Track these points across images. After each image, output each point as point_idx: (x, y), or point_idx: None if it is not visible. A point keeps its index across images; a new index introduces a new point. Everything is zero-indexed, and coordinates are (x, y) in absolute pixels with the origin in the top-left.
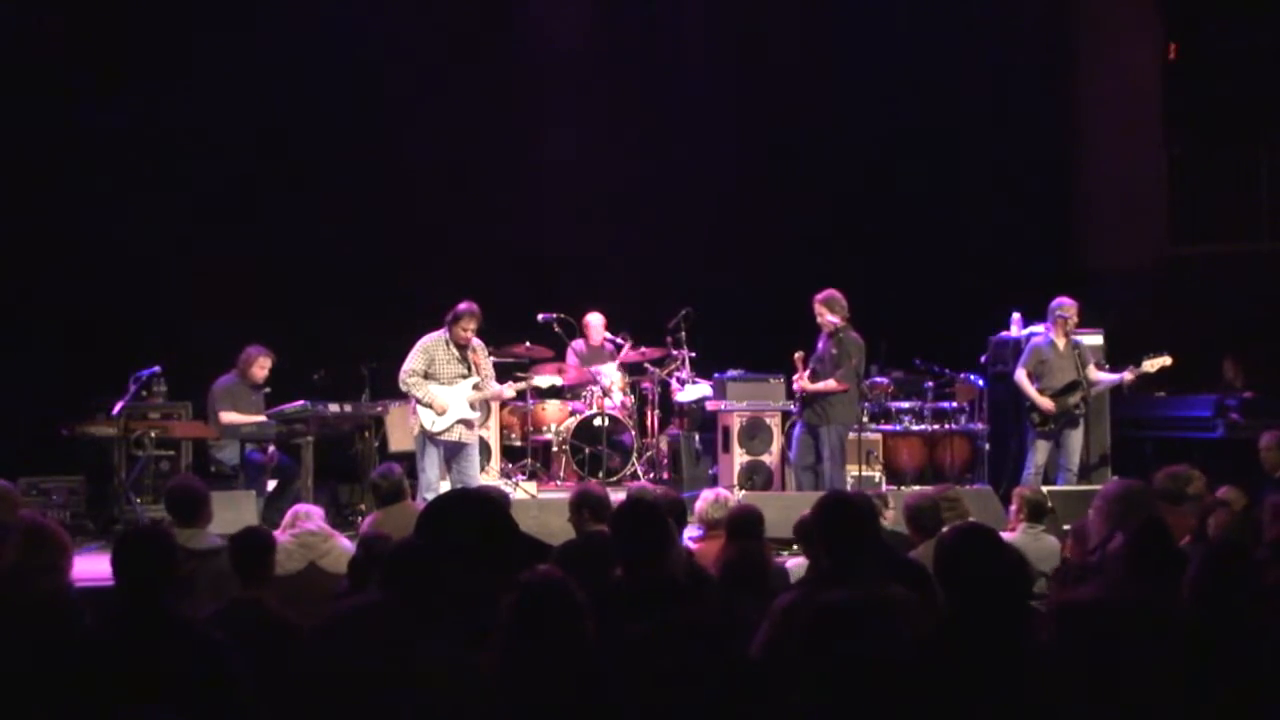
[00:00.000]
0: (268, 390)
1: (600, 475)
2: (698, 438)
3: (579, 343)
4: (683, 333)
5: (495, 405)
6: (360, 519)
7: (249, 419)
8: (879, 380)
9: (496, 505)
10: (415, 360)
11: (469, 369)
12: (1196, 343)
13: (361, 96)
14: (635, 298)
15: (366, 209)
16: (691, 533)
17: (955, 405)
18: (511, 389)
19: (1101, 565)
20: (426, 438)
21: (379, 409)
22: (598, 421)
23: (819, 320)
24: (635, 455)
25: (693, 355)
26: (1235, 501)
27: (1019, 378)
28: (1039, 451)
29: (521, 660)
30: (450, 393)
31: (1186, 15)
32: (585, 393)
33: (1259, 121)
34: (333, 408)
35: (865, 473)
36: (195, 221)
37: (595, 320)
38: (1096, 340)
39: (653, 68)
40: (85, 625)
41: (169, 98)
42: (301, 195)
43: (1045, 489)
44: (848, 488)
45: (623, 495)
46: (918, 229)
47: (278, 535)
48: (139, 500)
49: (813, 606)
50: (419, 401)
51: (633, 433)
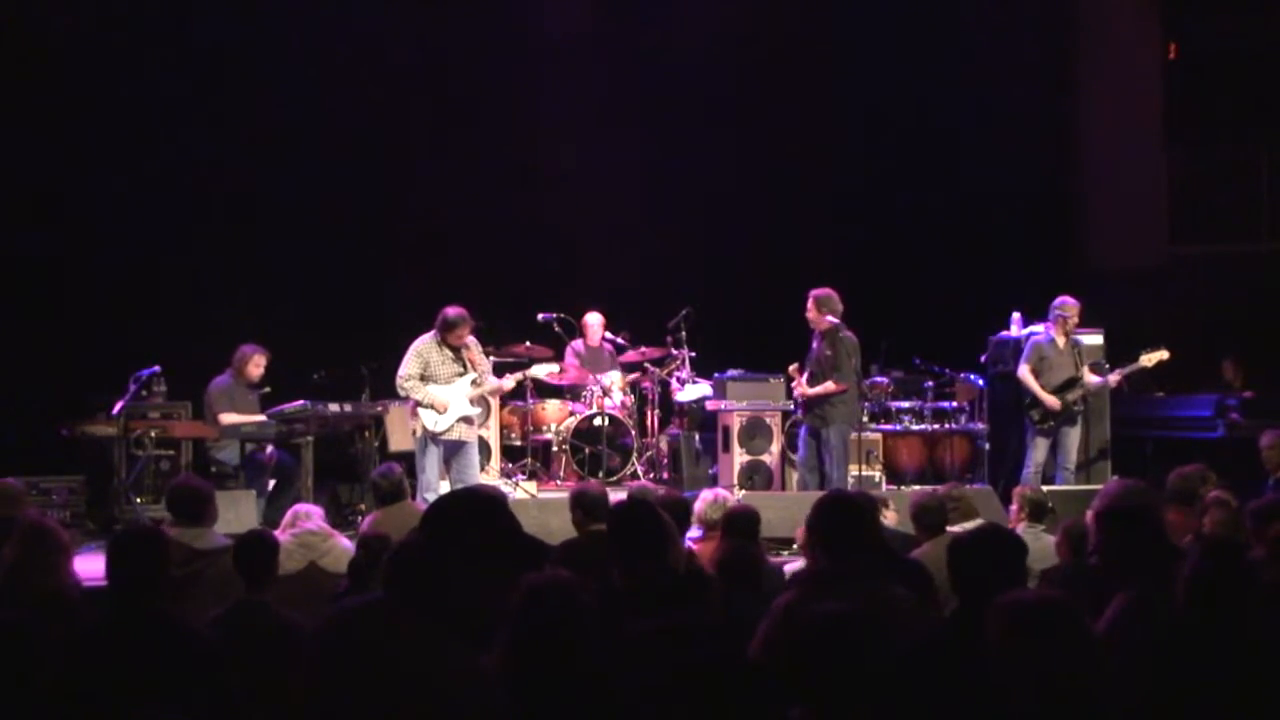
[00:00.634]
0: (266, 390)
1: (600, 475)
2: (698, 437)
3: (579, 343)
4: (683, 332)
5: (495, 404)
6: (360, 519)
7: (248, 419)
8: (879, 380)
9: (501, 505)
10: (410, 364)
11: (465, 367)
12: (1196, 343)
13: (361, 96)
14: (635, 298)
15: (366, 208)
16: (692, 533)
17: (955, 405)
18: (511, 380)
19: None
20: (429, 438)
21: (379, 409)
22: (598, 421)
23: (811, 319)
24: (635, 455)
25: (693, 355)
26: (1229, 503)
27: (1022, 374)
28: (1038, 450)
29: (526, 661)
30: (449, 391)
31: (1186, 15)
32: (585, 393)
33: (1259, 121)
34: (333, 408)
35: (865, 472)
36: (195, 221)
37: (595, 320)
38: (1097, 340)
39: (654, 67)
40: (81, 625)
41: (168, 96)
42: (301, 195)
43: (1045, 489)
44: (849, 488)
45: (623, 495)
46: (918, 229)
47: (278, 535)
48: (139, 500)
49: (810, 616)
50: (419, 404)
51: (633, 433)
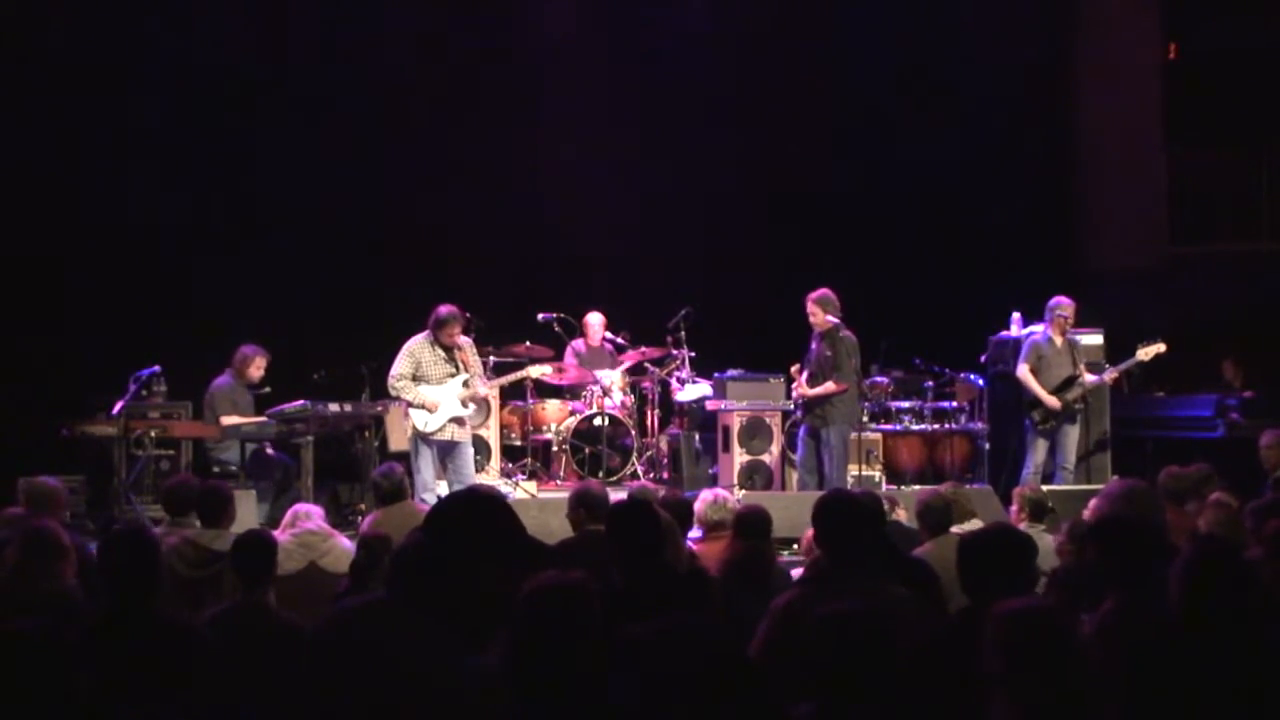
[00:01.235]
0: (266, 390)
1: (600, 475)
2: (698, 437)
3: (579, 342)
4: (683, 333)
5: (495, 404)
6: (360, 519)
7: (248, 420)
8: (879, 380)
9: (503, 507)
10: (402, 364)
11: (457, 367)
12: (1196, 343)
13: (361, 96)
14: (635, 298)
15: (366, 208)
16: (693, 534)
17: (955, 405)
18: (486, 389)
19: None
20: (420, 438)
21: (379, 409)
22: (598, 421)
23: (812, 319)
24: (635, 455)
25: (693, 355)
26: (1229, 504)
27: (1022, 374)
28: (1038, 450)
29: (527, 662)
30: (440, 391)
31: (1186, 15)
32: (585, 392)
33: (1259, 122)
34: (333, 408)
35: (865, 472)
36: (196, 221)
37: (595, 320)
38: (1096, 340)
39: (654, 67)
40: (79, 625)
41: (168, 96)
42: (301, 195)
43: (1045, 488)
44: (848, 488)
45: (623, 495)
46: (917, 229)
47: (277, 535)
48: (139, 500)
49: (811, 618)
50: (410, 404)
51: (633, 433)
